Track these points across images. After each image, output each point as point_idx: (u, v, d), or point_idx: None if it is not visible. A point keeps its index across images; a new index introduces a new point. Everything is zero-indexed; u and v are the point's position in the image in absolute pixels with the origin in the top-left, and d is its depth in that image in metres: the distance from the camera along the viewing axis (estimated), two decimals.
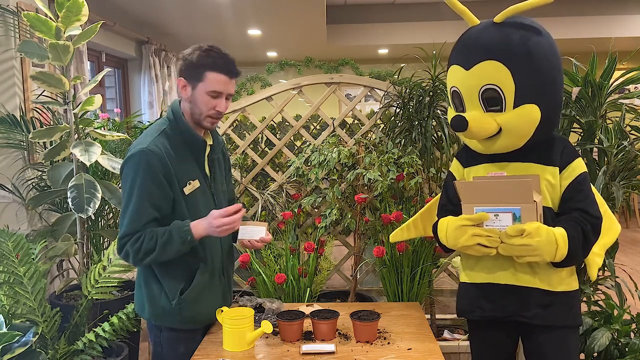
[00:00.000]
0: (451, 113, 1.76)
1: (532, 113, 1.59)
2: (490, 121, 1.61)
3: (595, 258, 1.71)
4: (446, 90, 2.82)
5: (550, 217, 1.62)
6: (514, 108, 1.59)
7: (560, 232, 1.54)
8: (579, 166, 1.64)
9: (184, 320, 1.73)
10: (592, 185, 1.70)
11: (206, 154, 1.77)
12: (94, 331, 2.21)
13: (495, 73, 1.58)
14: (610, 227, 1.76)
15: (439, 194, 1.96)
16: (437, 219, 1.81)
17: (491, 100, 1.61)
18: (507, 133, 1.62)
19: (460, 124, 1.60)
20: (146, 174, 1.60)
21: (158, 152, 1.62)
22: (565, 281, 1.65)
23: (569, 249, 1.54)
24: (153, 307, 1.73)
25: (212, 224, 1.64)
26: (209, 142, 1.79)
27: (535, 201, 1.54)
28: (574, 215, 1.59)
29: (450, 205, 1.79)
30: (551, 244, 1.52)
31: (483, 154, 1.74)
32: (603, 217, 1.67)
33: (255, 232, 1.78)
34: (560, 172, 1.63)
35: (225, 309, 1.73)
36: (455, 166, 1.87)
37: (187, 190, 1.69)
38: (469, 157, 1.80)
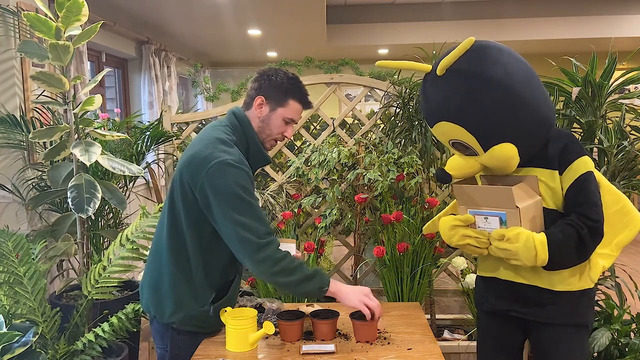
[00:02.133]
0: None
1: (505, 151, 1.58)
2: (472, 163, 1.65)
3: (599, 260, 1.65)
4: None
5: (552, 219, 1.61)
6: (485, 152, 1.61)
7: (540, 239, 1.53)
8: (580, 166, 1.59)
9: (210, 325, 1.73)
10: (605, 181, 1.66)
11: None
12: (94, 331, 2.21)
13: (452, 131, 1.61)
14: (628, 224, 1.66)
15: None
16: None
17: (462, 149, 1.65)
18: (492, 169, 1.67)
19: (443, 179, 1.67)
20: (249, 183, 1.60)
21: (247, 164, 1.64)
22: (568, 280, 1.64)
23: (551, 254, 1.53)
24: (180, 311, 1.68)
25: (362, 292, 1.68)
26: None
27: (517, 207, 1.55)
28: (572, 218, 1.58)
29: None
30: (529, 250, 1.53)
31: None
32: (620, 213, 1.64)
33: (287, 249, 1.80)
34: (560, 174, 1.61)
35: (228, 309, 1.74)
36: None
37: None
38: None
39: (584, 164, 1.59)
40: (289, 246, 1.80)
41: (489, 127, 1.57)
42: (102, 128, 2.94)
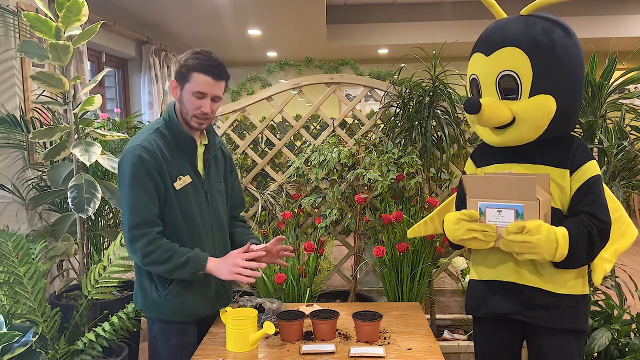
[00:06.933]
0: None
1: (547, 104, 1.58)
2: (504, 108, 1.61)
3: (604, 264, 1.65)
4: (446, 91, 2.84)
5: (558, 219, 1.61)
6: (529, 97, 1.59)
7: (561, 232, 1.52)
8: (590, 169, 1.61)
9: (172, 312, 1.78)
10: (607, 189, 1.67)
11: (199, 153, 1.83)
12: (94, 331, 2.21)
13: (514, 59, 1.59)
14: (625, 233, 1.69)
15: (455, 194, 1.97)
16: None
17: (507, 87, 1.62)
18: (520, 123, 1.62)
19: (473, 106, 1.59)
20: (140, 168, 1.68)
21: (150, 148, 1.71)
22: (570, 284, 1.63)
23: (570, 249, 1.52)
24: (144, 298, 1.79)
25: (233, 264, 1.73)
26: (204, 142, 1.86)
27: (538, 199, 1.52)
28: (581, 217, 1.57)
29: (463, 206, 1.78)
30: (551, 243, 1.51)
31: (495, 154, 1.75)
32: (618, 221, 1.65)
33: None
34: (571, 175, 1.61)
35: (229, 309, 1.74)
36: (469, 166, 1.88)
37: (178, 185, 1.76)
38: (482, 157, 1.82)
39: (595, 167, 1.62)
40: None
41: (550, 72, 1.57)
42: (102, 128, 2.94)
